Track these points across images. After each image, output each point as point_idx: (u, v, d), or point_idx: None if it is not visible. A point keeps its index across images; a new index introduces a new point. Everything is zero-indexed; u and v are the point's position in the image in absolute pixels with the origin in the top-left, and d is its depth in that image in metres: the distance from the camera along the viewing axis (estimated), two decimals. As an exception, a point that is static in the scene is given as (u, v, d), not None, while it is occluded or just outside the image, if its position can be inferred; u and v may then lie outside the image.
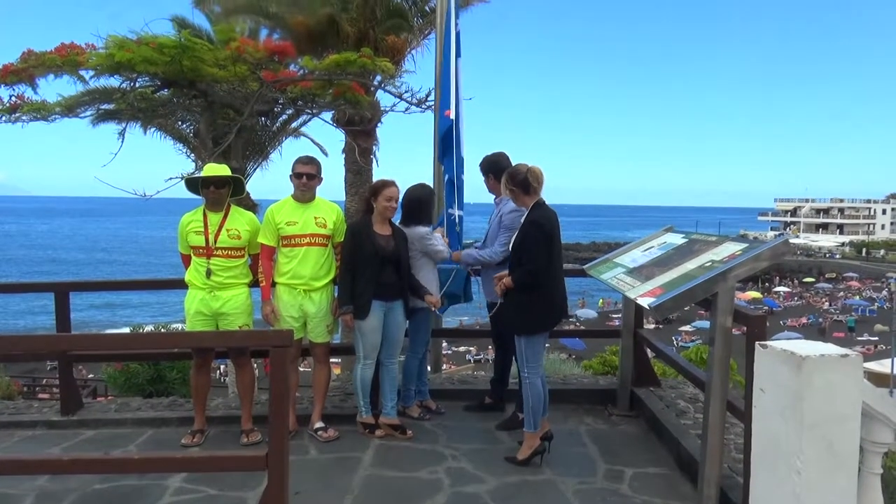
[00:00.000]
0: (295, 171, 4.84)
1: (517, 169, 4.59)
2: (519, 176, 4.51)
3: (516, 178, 4.53)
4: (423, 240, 5.09)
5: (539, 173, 4.48)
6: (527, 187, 4.49)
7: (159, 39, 6.96)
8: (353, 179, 14.28)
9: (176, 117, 12.28)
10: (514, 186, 4.56)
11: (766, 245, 3.59)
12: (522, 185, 4.50)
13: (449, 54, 6.38)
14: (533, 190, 4.49)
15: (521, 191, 4.52)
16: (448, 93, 6.24)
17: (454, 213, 6.13)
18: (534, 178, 4.45)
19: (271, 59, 7.75)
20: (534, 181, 4.46)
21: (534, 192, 4.50)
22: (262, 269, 4.83)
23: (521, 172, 4.52)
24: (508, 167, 4.79)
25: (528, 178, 4.46)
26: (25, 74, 7.19)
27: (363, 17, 13.33)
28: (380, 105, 12.18)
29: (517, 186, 4.53)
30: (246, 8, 13.34)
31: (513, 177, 4.57)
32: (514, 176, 4.56)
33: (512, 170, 4.63)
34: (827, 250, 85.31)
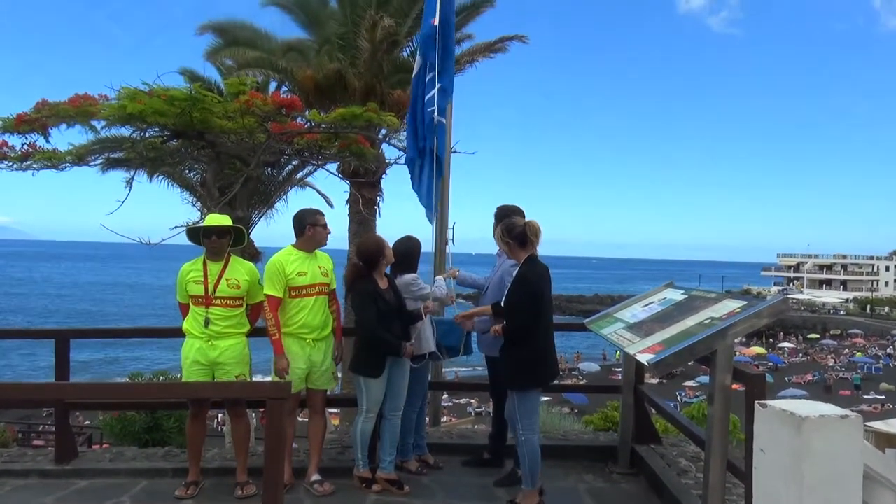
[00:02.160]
0: (320, 222, 4.92)
1: (514, 222, 4.60)
2: (516, 229, 4.52)
3: (513, 231, 4.54)
4: (409, 287, 5.12)
5: (537, 227, 4.50)
6: (524, 241, 4.50)
7: (170, 92, 7.13)
8: (357, 229, 14.40)
9: (184, 166, 12.48)
10: (510, 239, 4.56)
11: (766, 303, 3.61)
12: (519, 239, 4.51)
13: None
14: (530, 244, 4.50)
15: (518, 244, 4.53)
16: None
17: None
18: (532, 231, 4.47)
19: (279, 112, 7.92)
20: (532, 235, 4.47)
21: (530, 246, 4.51)
22: (271, 322, 4.72)
23: (518, 225, 4.53)
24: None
25: (527, 231, 4.48)
26: (38, 124, 7.35)
27: (370, 72, 13.67)
28: (384, 157, 12.38)
29: (514, 239, 4.54)
30: (256, 62, 13.71)
31: (510, 230, 4.57)
32: (510, 229, 4.56)
33: (509, 222, 4.63)
34: (831, 306, 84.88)
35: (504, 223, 4.66)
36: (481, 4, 14.61)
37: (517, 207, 5.40)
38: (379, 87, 13.89)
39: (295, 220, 4.97)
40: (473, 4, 14.62)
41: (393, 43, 13.59)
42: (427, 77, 6.22)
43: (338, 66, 13.56)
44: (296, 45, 14.75)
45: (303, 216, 4.95)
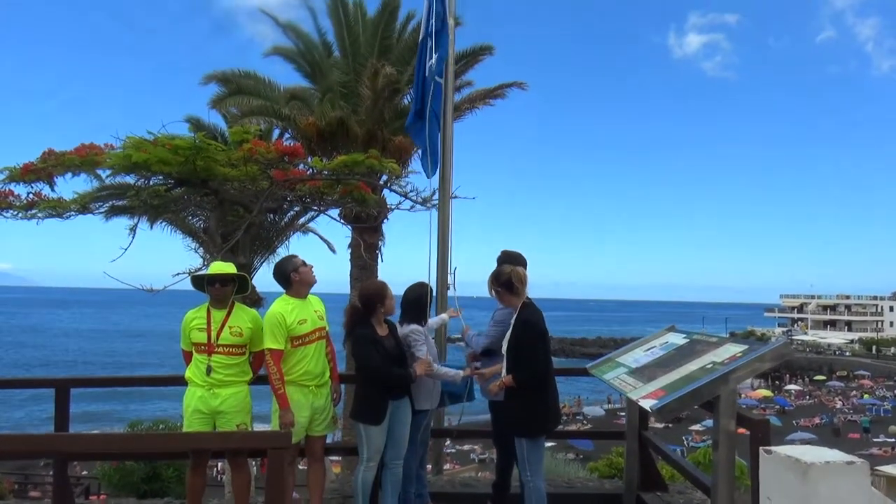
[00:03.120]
0: (300, 264, 4.92)
1: (501, 270, 4.78)
2: (503, 277, 4.70)
3: (500, 278, 4.73)
4: (406, 337, 5.09)
5: (523, 275, 4.66)
6: (511, 287, 4.66)
7: (175, 141, 7.24)
8: (359, 274, 14.45)
9: (187, 213, 12.57)
10: (498, 287, 4.75)
11: (768, 347, 3.60)
12: (507, 286, 4.69)
13: None
14: (517, 290, 4.64)
15: (506, 291, 4.70)
16: None
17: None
18: (517, 279, 4.62)
19: (282, 160, 8.02)
20: (517, 282, 4.62)
21: (517, 293, 4.65)
22: (275, 376, 4.65)
23: (504, 273, 4.71)
24: (523, 266, 4.95)
25: (512, 279, 4.64)
26: (44, 173, 7.44)
27: (371, 119, 13.90)
28: (386, 202, 12.47)
29: (502, 287, 4.73)
30: (260, 110, 13.94)
31: (497, 277, 4.76)
32: (498, 276, 4.76)
33: (496, 270, 4.82)
34: (836, 347, 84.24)
35: (493, 272, 4.83)
36: (480, 52, 14.93)
37: (519, 254, 5.44)
38: (380, 133, 14.11)
39: (277, 274, 4.94)
40: (473, 52, 14.95)
41: (394, 90, 13.85)
42: (428, 44, 6.71)
43: (340, 113, 13.79)
44: (299, 93, 15.02)
45: (282, 267, 4.93)
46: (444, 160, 7.01)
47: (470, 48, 14.82)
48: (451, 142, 7.07)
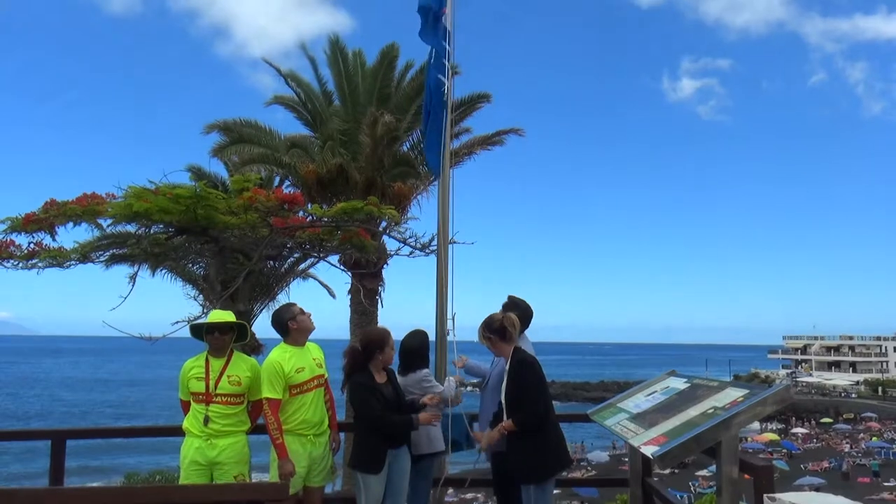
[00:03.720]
0: (298, 312, 4.92)
1: (492, 317, 4.69)
2: (495, 324, 4.61)
3: (492, 325, 4.63)
4: (420, 382, 5.07)
5: (515, 321, 4.59)
6: (504, 334, 4.57)
7: (176, 190, 7.31)
8: (359, 320, 14.40)
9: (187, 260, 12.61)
10: (490, 334, 4.63)
11: (769, 391, 3.58)
12: (499, 333, 4.59)
13: None
14: (510, 337, 4.57)
15: (499, 338, 4.60)
16: None
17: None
18: (510, 324, 4.55)
19: (281, 207, 8.08)
20: (510, 327, 4.55)
21: (510, 340, 4.58)
22: (273, 426, 4.61)
23: (496, 320, 4.62)
24: (529, 315, 4.89)
25: (505, 324, 4.56)
26: (46, 223, 7.49)
27: (371, 166, 14.05)
28: (386, 248, 12.52)
29: (494, 334, 4.61)
30: (261, 158, 14.10)
31: (489, 324, 4.66)
32: (490, 323, 4.66)
33: (488, 318, 4.72)
34: (842, 389, 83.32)
35: (484, 320, 4.75)
36: (478, 100, 15.17)
37: (526, 302, 5.42)
38: (380, 180, 14.23)
39: (275, 323, 4.94)
40: (471, 100, 15.18)
41: (393, 138, 14.04)
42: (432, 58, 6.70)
43: (340, 160, 13.95)
44: (299, 141, 15.21)
45: (280, 316, 4.92)
46: (442, 206, 7.05)
47: (468, 96, 15.05)
48: (449, 188, 7.12)
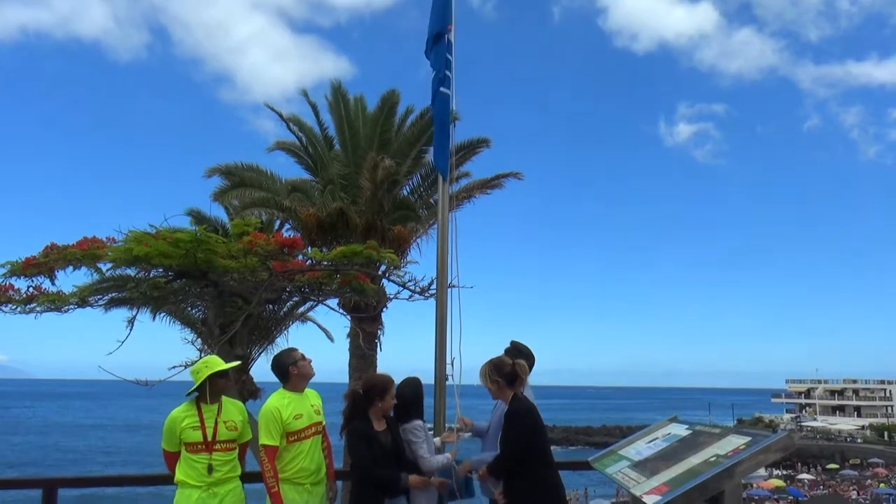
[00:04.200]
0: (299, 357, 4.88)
1: (502, 360, 4.59)
2: (506, 368, 4.51)
3: (503, 369, 4.51)
4: (407, 434, 4.96)
5: (526, 367, 4.52)
6: (513, 380, 4.48)
7: (176, 234, 7.35)
8: (358, 364, 14.30)
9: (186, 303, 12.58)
10: (499, 378, 4.52)
11: (772, 438, 3.54)
12: (508, 378, 4.49)
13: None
14: (519, 382, 4.50)
15: (507, 383, 4.50)
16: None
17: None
18: (522, 370, 4.47)
19: (281, 251, 8.11)
20: (522, 373, 4.48)
21: (518, 386, 4.50)
22: (270, 474, 4.52)
23: (507, 364, 4.52)
24: (532, 362, 4.83)
25: (517, 370, 4.48)
26: (46, 267, 7.51)
27: (371, 210, 14.14)
28: (385, 292, 12.51)
29: (503, 378, 4.50)
30: (262, 202, 14.20)
31: (499, 368, 4.53)
32: (500, 367, 4.53)
33: (497, 361, 4.61)
34: (847, 434, 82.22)
35: (492, 362, 4.65)
36: (478, 145, 15.36)
37: (528, 348, 5.37)
38: (380, 223, 14.31)
39: (275, 368, 4.89)
40: (470, 144, 15.37)
41: (393, 182, 14.16)
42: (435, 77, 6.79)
43: (340, 204, 14.04)
44: (300, 185, 15.34)
45: (281, 361, 4.87)
46: (441, 250, 7.07)
47: (468, 140, 15.24)
48: (448, 232, 7.15)
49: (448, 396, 6.45)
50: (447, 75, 6.79)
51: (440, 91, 6.75)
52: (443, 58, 6.80)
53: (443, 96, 6.76)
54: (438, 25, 6.77)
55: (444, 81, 6.75)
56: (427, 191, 15.70)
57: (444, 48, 6.84)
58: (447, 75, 6.79)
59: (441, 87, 6.76)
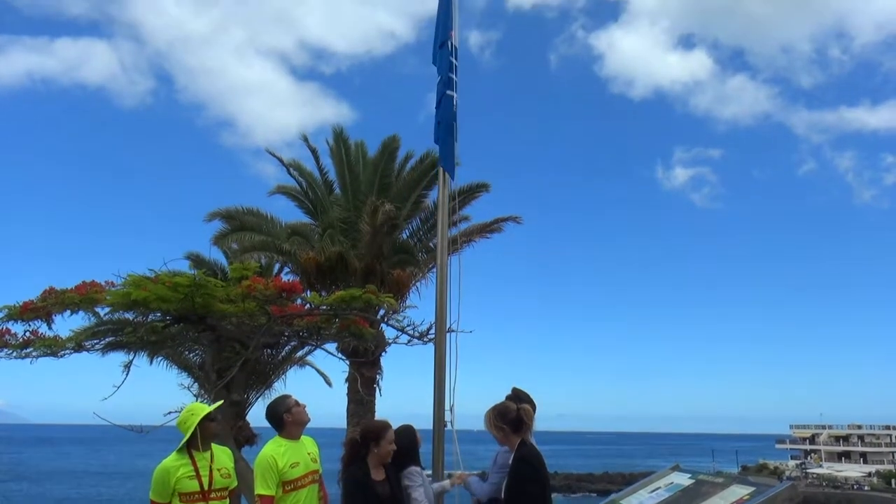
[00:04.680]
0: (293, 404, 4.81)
1: (507, 406, 4.52)
2: (511, 414, 4.44)
3: (508, 415, 4.45)
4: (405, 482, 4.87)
5: (531, 412, 4.45)
6: (518, 426, 4.41)
7: (175, 279, 7.34)
8: (356, 409, 14.14)
9: (183, 347, 12.51)
10: (504, 424, 4.45)
11: (776, 489, 3.48)
12: (514, 424, 4.42)
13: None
14: (525, 428, 4.43)
15: (512, 429, 4.43)
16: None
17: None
18: (527, 416, 4.41)
19: (280, 296, 8.09)
20: (528, 419, 4.41)
21: (524, 432, 4.43)
22: None
23: (512, 410, 4.46)
24: (533, 409, 4.77)
25: (522, 415, 4.41)
26: (43, 312, 7.47)
27: (370, 254, 14.17)
28: (384, 336, 12.45)
29: (508, 424, 4.44)
30: (261, 246, 14.24)
31: (503, 414, 4.47)
32: (505, 413, 4.47)
33: (501, 407, 4.55)
34: (854, 481, 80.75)
35: (496, 409, 4.58)
36: (477, 189, 15.47)
37: (529, 395, 5.31)
38: (379, 267, 14.32)
39: (269, 416, 4.81)
40: (470, 189, 15.48)
41: (393, 226, 14.22)
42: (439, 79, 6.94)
43: (339, 248, 14.08)
44: (300, 228, 15.40)
45: (275, 408, 4.79)
46: (440, 295, 7.05)
47: (467, 185, 15.35)
48: (447, 276, 7.14)
49: (447, 442, 6.36)
50: (451, 78, 6.95)
51: (446, 94, 6.91)
52: (447, 62, 6.98)
53: (448, 98, 6.93)
54: (443, 34, 7.01)
55: (448, 84, 6.91)
56: (426, 235, 15.76)
57: (447, 53, 7.03)
58: (451, 78, 6.95)
59: (446, 89, 6.92)
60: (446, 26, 7.05)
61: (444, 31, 7.07)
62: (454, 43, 7.11)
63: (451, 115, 6.98)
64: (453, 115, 7.00)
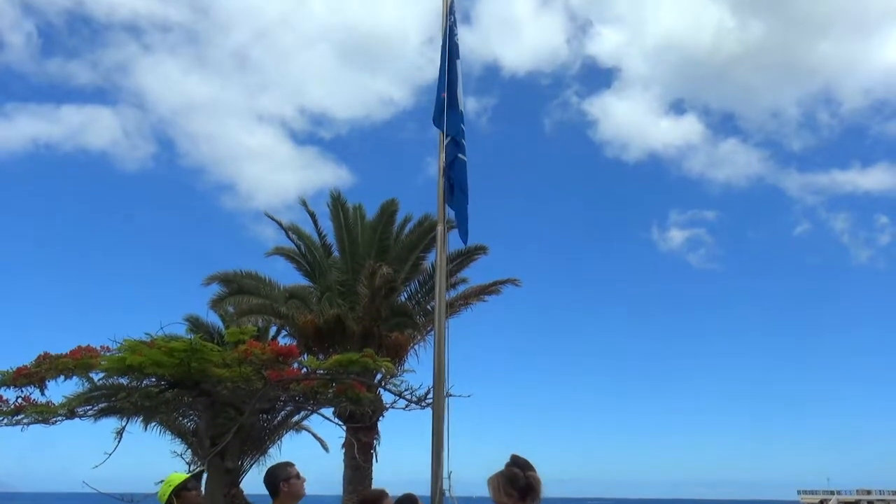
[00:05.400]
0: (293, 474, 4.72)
1: (515, 473, 4.42)
2: (520, 481, 4.33)
3: (517, 482, 4.34)
4: None
5: (540, 480, 4.34)
6: (527, 493, 4.31)
7: (171, 344, 7.28)
8: (352, 476, 13.85)
9: (178, 414, 12.33)
10: (513, 491, 4.35)
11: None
12: (523, 492, 4.31)
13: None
14: (534, 497, 4.31)
15: (520, 497, 4.32)
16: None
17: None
18: (537, 483, 4.30)
19: (276, 360, 8.02)
20: (537, 486, 4.30)
21: (533, 499, 4.32)
22: None
23: (520, 477, 4.36)
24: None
25: (532, 482, 4.30)
26: (37, 377, 7.38)
27: (368, 316, 14.14)
28: (382, 401, 12.28)
29: (518, 491, 4.33)
30: (259, 309, 14.23)
31: (512, 481, 4.37)
32: (514, 480, 4.37)
33: (510, 473, 4.44)
34: (866, 549, 78.42)
35: (503, 475, 4.47)
36: (475, 252, 15.55)
37: (528, 462, 5.20)
38: (377, 330, 14.26)
39: (267, 480, 4.72)
40: (468, 252, 15.55)
41: (391, 289, 14.24)
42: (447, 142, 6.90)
43: (337, 311, 14.06)
44: (298, 291, 15.40)
45: (274, 474, 4.71)
46: (438, 358, 6.99)
47: (465, 248, 15.42)
48: (445, 339, 7.10)
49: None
50: (462, 142, 6.97)
51: (458, 157, 6.89)
52: (457, 125, 6.99)
53: (461, 162, 6.91)
54: (450, 95, 7.03)
55: (459, 146, 6.91)
56: (425, 297, 15.75)
57: (457, 116, 7.04)
58: (462, 142, 6.97)
59: (458, 152, 6.90)
60: (452, 87, 7.09)
61: (450, 91, 7.11)
62: (461, 109, 7.17)
63: (465, 180, 6.98)
64: (466, 179, 7.00)
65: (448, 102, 7.11)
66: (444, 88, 7.13)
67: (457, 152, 6.95)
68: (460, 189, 6.97)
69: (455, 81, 7.17)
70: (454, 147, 6.98)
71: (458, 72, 7.23)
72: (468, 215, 7.09)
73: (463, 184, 6.99)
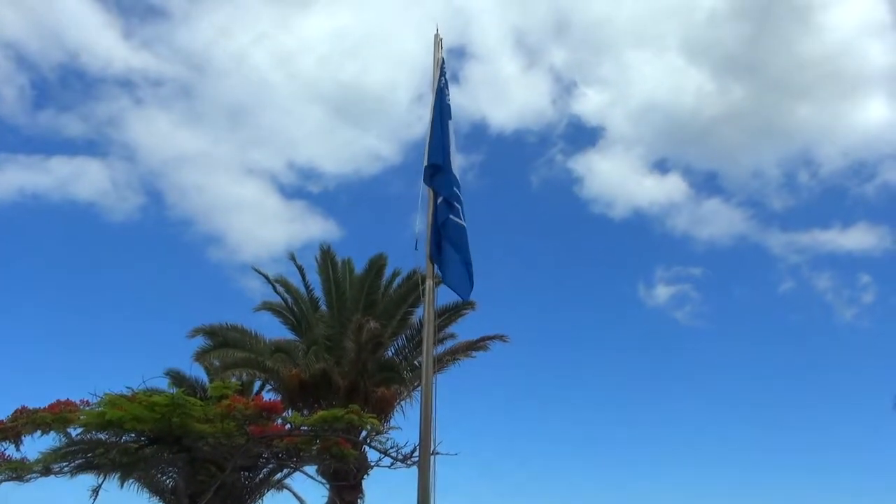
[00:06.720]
0: None
1: None
2: None
3: None
4: None
5: None
6: None
7: (152, 398, 7.16)
8: (335, 540, 13.42)
9: (156, 470, 12.00)
10: None
11: None
12: None
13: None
14: None
15: None
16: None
17: None
18: None
19: (260, 415, 7.89)
20: None
21: None
22: None
23: None
24: None
25: None
26: (13, 433, 7.21)
27: (355, 371, 13.96)
28: (367, 458, 12.04)
29: None
30: (244, 363, 14.02)
31: None
32: None
33: None
34: None
35: None
36: (463, 308, 15.46)
37: None
38: (363, 385, 14.04)
39: None
40: (455, 308, 15.46)
41: (378, 344, 14.10)
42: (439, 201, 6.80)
43: (323, 365, 13.86)
44: (284, 345, 15.20)
45: None
46: (425, 416, 6.88)
47: (453, 303, 15.31)
48: (432, 395, 7.00)
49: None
50: (457, 206, 6.89)
51: (450, 219, 6.79)
52: (449, 187, 6.92)
53: (455, 225, 6.81)
54: (441, 157, 6.96)
55: (452, 208, 6.84)
56: (412, 352, 15.58)
57: (451, 178, 6.97)
58: (457, 206, 6.89)
59: (451, 214, 6.81)
60: (445, 150, 7.17)
61: (442, 154, 7.17)
62: (455, 173, 7.12)
63: (463, 244, 6.89)
64: (465, 240, 6.90)
65: (442, 166, 7.14)
66: (437, 152, 7.17)
67: (448, 213, 6.95)
68: (455, 250, 6.94)
69: (447, 144, 7.19)
70: (446, 208, 6.98)
71: (450, 132, 7.27)
72: (472, 272, 7.01)
73: (459, 246, 6.96)
